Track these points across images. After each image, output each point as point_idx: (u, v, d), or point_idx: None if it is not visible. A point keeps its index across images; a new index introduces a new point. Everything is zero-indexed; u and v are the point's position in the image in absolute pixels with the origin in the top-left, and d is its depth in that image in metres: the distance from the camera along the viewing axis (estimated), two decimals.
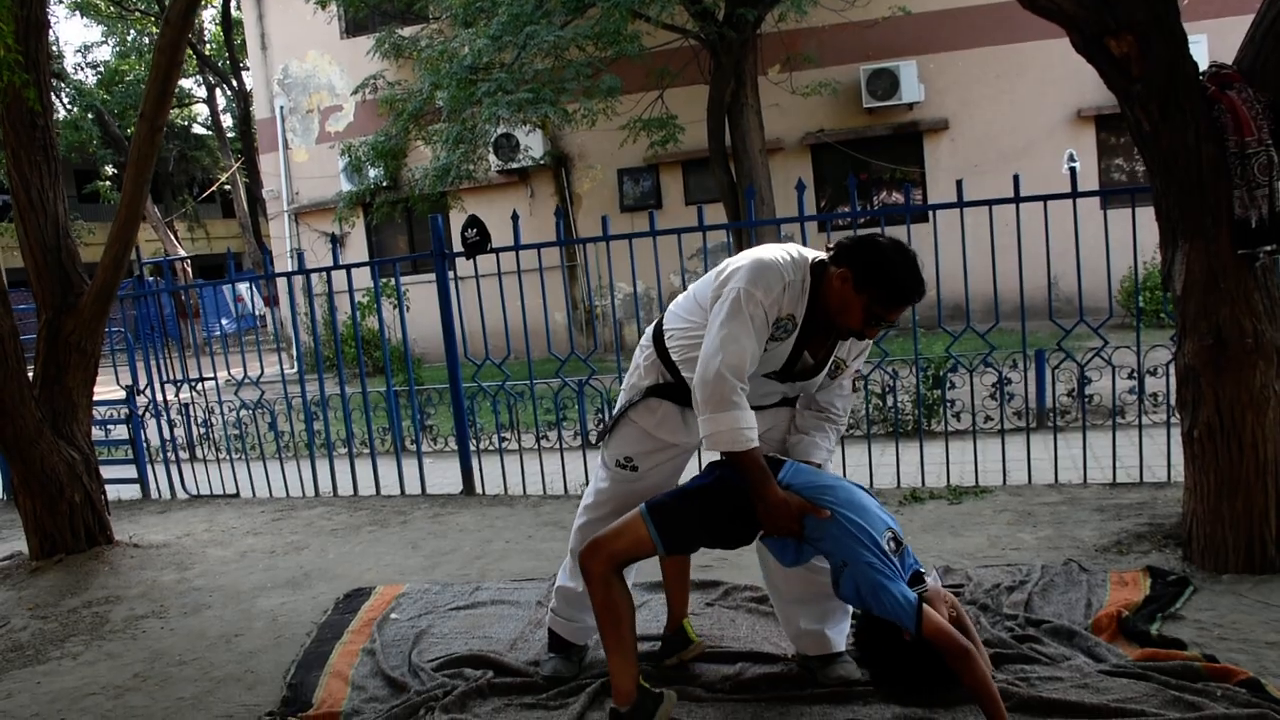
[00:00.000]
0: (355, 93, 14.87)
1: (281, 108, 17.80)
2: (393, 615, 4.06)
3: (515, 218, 6.08)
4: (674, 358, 3.06)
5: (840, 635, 3.17)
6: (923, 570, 2.78)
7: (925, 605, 2.61)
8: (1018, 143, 13.80)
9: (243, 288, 25.67)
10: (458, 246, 5.96)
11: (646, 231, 5.77)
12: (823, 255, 2.90)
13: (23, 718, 3.46)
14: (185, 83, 30.32)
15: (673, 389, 3.08)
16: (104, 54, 30.24)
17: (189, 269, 24.73)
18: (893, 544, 2.69)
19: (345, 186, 15.71)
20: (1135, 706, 2.67)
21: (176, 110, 30.55)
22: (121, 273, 5.39)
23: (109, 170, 27.59)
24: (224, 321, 23.16)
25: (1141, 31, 3.40)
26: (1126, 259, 5.38)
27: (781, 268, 2.83)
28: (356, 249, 17.22)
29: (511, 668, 3.40)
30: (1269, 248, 3.50)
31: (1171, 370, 3.91)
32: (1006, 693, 2.75)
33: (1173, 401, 4.17)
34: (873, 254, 2.77)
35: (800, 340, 2.92)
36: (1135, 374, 5.33)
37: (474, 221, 5.90)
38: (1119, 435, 5.39)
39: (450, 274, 6.23)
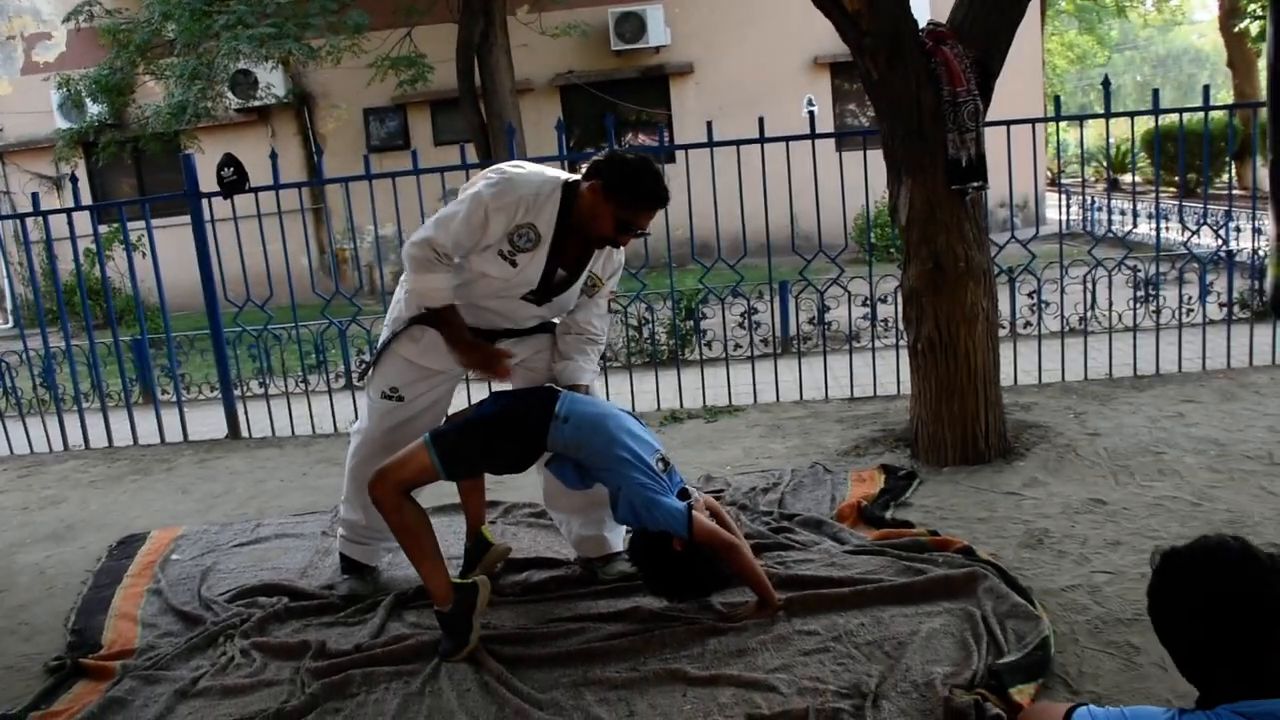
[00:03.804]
0: (68, 20, 13.69)
1: None
2: (174, 556, 4.03)
3: (274, 157, 5.98)
4: None
5: (617, 537, 3.45)
6: (688, 487, 3.12)
7: (693, 514, 2.94)
8: (759, 87, 14.51)
9: None
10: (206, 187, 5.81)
11: (409, 170, 5.78)
12: (576, 177, 3.14)
13: None
14: None
15: (434, 318, 3.23)
16: None
17: None
18: (661, 464, 3.01)
19: (61, 123, 14.55)
20: (875, 576, 3.11)
21: None
22: None
23: None
24: None
25: None
26: (861, 198, 5.90)
27: (523, 178, 3.06)
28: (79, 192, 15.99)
29: (306, 592, 3.50)
30: (975, 184, 4.04)
31: (899, 296, 4.42)
32: (768, 574, 3.14)
33: (900, 323, 4.71)
34: (619, 164, 3.06)
35: (553, 257, 3.12)
36: (868, 301, 5.92)
37: (230, 160, 5.75)
38: (855, 357, 5.99)
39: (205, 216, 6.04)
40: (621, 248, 3.30)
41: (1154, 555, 1.91)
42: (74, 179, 6.34)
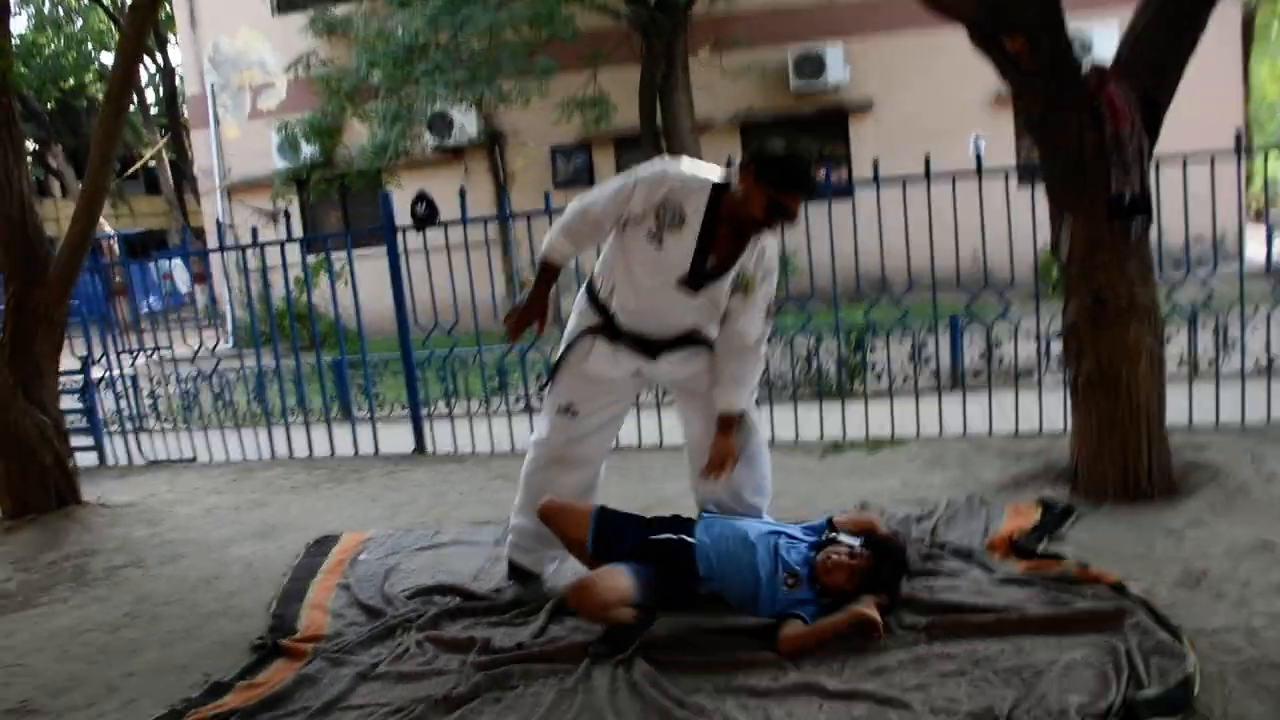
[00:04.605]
0: (289, 70, 14.92)
1: (213, 84, 17.73)
2: (361, 556, 4.41)
3: (462, 193, 6.41)
4: (601, 294, 3.54)
5: None
6: (829, 525, 3.39)
7: (783, 627, 3.13)
8: (939, 124, 14.32)
9: (169, 265, 25.37)
10: (400, 221, 6.31)
11: None
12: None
13: (27, 651, 3.77)
14: (105, 56, 29.79)
15: (602, 328, 3.54)
16: (18, 25, 29.47)
17: (115, 247, 24.38)
18: (789, 582, 3.23)
19: (278, 163, 15.78)
20: (1019, 605, 3.16)
21: (96, 82, 30.01)
22: (88, 246, 5.60)
23: (30, 146, 27.02)
24: (151, 299, 22.97)
25: (1031, 32, 3.86)
26: (1041, 233, 5.82)
27: (679, 168, 3.38)
28: (291, 226, 17.27)
29: (476, 594, 3.79)
30: (1140, 220, 4.01)
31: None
32: (914, 599, 3.24)
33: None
34: (771, 150, 3.35)
35: (703, 245, 3.35)
36: (1039, 337, 5.86)
37: (423, 196, 6.25)
38: (1022, 393, 5.93)
39: (400, 247, 6.55)
40: (773, 248, 3.50)
41: None
42: (288, 214, 6.97)
